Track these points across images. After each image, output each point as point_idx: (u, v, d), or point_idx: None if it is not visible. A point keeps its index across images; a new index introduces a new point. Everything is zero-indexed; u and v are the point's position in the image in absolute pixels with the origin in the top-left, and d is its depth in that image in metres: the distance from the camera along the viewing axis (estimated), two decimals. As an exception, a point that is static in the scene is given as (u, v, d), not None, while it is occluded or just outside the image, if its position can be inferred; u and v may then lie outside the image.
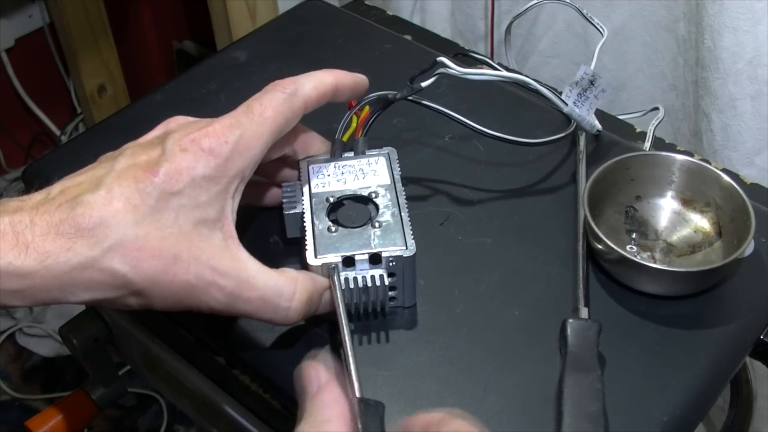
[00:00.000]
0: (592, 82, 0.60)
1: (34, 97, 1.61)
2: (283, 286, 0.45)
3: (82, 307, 0.69)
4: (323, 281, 0.47)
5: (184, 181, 0.42)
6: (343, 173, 0.53)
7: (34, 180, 0.64)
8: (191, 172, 0.42)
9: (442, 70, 0.55)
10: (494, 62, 0.67)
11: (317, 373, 0.40)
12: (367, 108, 0.56)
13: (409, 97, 0.56)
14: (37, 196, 0.42)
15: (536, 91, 0.59)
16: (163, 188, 0.41)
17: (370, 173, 0.53)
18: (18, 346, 1.47)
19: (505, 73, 0.57)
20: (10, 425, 1.36)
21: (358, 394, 0.40)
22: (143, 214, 0.41)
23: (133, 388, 1.34)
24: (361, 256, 0.48)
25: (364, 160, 0.54)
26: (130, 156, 0.43)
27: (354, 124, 0.56)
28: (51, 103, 1.65)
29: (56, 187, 0.43)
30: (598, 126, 0.62)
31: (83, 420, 0.72)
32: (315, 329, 0.51)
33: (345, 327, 0.44)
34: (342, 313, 0.45)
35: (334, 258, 0.48)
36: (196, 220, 0.42)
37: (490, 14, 0.96)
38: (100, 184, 0.41)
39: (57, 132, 1.66)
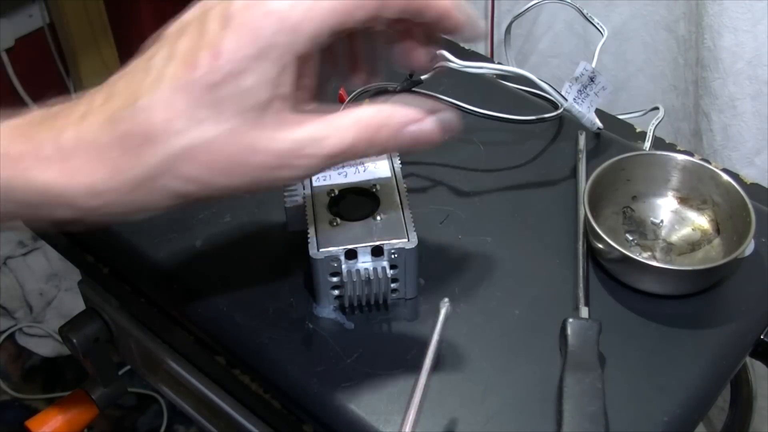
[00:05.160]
0: (592, 79, 0.60)
1: (34, 97, 1.61)
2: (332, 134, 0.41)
3: (82, 307, 0.69)
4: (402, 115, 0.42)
5: (224, 68, 0.38)
6: (343, 167, 0.53)
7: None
8: (230, 56, 0.38)
9: (441, 62, 0.55)
10: (494, 62, 0.67)
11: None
12: (366, 101, 0.56)
13: (411, 90, 0.56)
14: (81, 107, 0.43)
15: (536, 87, 0.59)
16: (206, 81, 0.39)
17: (371, 166, 0.53)
18: (18, 346, 1.47)
19: (504, 66, 0.57)
20: (10, 425, 1.36)
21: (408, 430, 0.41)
22: (192, 118, 0.39)
23: (133, 388, 1.34)
24: (364, 248, 0.48)
25: None
26: (169, 47, 0.41)
27: None
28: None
29: (99, 95, 0.42)
30: (599, 124, 0.62)
31: (83, 420, 0.72)
32: (314, 329, 0.51)
33: (428, 368, 0.43)
34: (431, 354, 0.44)
35: (337, 251, 0.48)
36: (246, 107, 0.39)
37: (490, 14, 0.96)
38: (154, 87, 0.40)
39: (57, 132, 1.66)
